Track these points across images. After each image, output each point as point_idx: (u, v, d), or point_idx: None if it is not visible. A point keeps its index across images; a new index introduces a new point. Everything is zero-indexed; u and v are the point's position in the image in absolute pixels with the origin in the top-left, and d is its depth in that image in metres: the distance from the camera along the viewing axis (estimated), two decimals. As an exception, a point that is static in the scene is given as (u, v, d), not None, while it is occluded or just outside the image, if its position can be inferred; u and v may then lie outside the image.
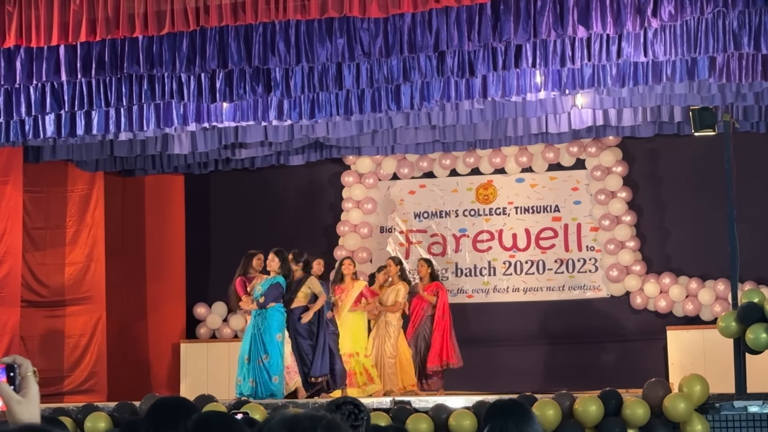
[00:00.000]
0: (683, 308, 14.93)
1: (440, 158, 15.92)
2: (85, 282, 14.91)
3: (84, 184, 15.13)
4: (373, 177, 16.21)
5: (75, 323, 14.78)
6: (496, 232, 15.79)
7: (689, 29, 10.02)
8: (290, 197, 16.38)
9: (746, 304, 10.86)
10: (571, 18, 9.77)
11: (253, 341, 12.54)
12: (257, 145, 14.66)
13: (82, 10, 10.44)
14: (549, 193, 15.70)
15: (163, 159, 15.18)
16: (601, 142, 15.37)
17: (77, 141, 13.33)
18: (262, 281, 12.71)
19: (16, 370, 2.75)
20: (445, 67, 10.62)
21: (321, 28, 10.29)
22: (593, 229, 15.52)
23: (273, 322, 12.62)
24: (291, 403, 11.71)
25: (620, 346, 15.09)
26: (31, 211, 14.70)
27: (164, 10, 10.28)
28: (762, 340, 10.52)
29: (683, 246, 15.18)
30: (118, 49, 10.68)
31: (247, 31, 10.41)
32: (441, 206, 16.05)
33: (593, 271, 15.48)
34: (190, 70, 10.67)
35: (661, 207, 15.37)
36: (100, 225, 15.06)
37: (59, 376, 14.46)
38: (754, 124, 13.87)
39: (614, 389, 10.90)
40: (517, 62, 10.50)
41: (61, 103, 11.27)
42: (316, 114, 11.79)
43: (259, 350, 12.54)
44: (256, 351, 12.52)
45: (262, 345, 12.54)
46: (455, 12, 10.02)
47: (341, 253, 15.85)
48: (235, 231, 16.22)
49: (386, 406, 11.30)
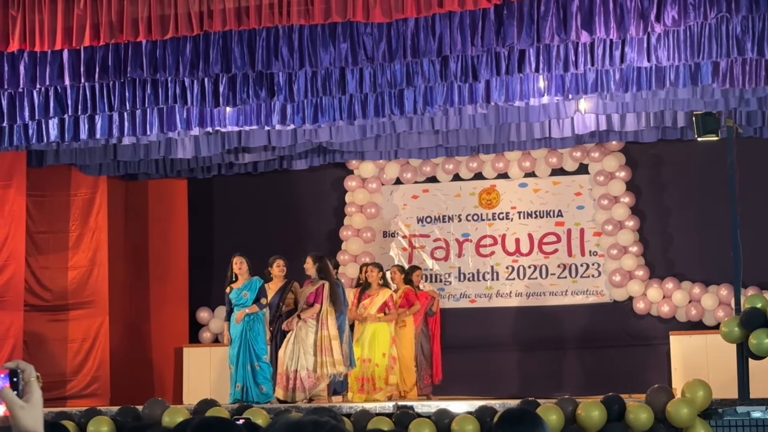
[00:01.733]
0: (686, 313, 14.92)
1: (443, 163, 15.92)
2: (88, 286, 14.91)
3: (87, 189, 15.14)
4: (376, 182, 16.21)
5: (78, 327, 14.78)
6: (499, 236, 15.78)
7: (692, 34, 10.03)
8: (293, 202, 16.38)
9: (749, 309, 10.85)
10: (574, 23, 9.78)
11: (244, 347, 12.68)
12: (260, 150, 14.67)
13: (86, 14, 10.46)
14: (552, 197, 15.70)
15: (166, 163, 15.19)
16: (604, 147, 15.37)
17: (80, 145, 13.34)
18: (245, 284, 12.80)
19: (19, 375, 2.75)
20: (449, 71, 10.63)
21: (324, 32, 10.31)
22: (596, 234, 15.51)
23: (262, 327, 12.80)
24: (294, 408, 11.71)
25: (623, 351, 15.07)
26: (35, 215, 14.71)
27: (168, 15, 10.30)
28: (765, 345, 10.51)
29: (686, 251, 15.17)
30: (122, 54, 10.69)
31: (251, 36, 10.43)
32: (444, 211, 16.04)
33: (596, 276, 15.47)
34: (194, 75, 10.68)
35: (664, 212, 15.36)
36: (103, 229, 15.07)
37: (62, 380, 14.47)
38: (758, 129, 13.86)
39: (617, 394, 10.89)
40: (520, 67, 10.50)
41: (64, 107, 11.28)
42: (319, 118, 11.79)
43: (251, 356, 12.66)
44: (248, 357, 12.66)
45: (254, 351, 12.69)
46: (458, 17, 10.03)
47: (344, 257, 15.86)
48: (238, 236, 16.21)
49: (389, 411, 11.30)
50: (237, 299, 12.83)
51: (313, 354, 12.64)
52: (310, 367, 12.60)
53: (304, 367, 12.61)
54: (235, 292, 12.87)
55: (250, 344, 12.72)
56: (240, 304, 12.81)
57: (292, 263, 13.42)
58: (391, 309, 13.30)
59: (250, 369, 12.67)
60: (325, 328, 12.72)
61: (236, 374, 12.72)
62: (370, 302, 13.32)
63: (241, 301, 12.82)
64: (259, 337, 12.79)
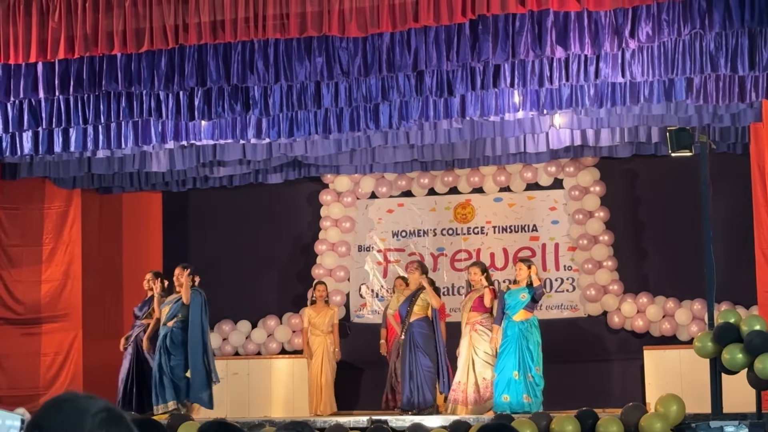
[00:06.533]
0: (660, 328, 14.96)
1: (418, 177, 15.93)
2: (62, 299, 14.84)
3: (61, 202, 15.07)
4: (351, 196, 16.20)
5: (51, 341, 14.71)
6: (474, 251, 15.79)
7: (666, 50, 10.09)
8: (268, 215, 16.35)
9: (722, 324, 10.89)
10: (549, 38, 9.82)
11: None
12: (235, 163, 14.65)
13: (61, 27, 10.43)
14: (527, 212, 15.73)
15: (141, 176, 15.15)
16: (578, 162, 15.42)
17: (54, 158, 13.30)
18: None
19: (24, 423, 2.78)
20: (424, 86, 10.66)
21: (300, 47, 10.31)
22: (571, 249, 15.54)
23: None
24: (267, 421, 11.68)
25: (597, 365, 15.10)
26: (8, 228, 14.64)
27: (143, 28, 10.28)
28: (738, 360, 10.55)
29: (660, 266, 15.22)
30: (97, 67, 10.67)
31: (226, 50, 10.42)
32: (419, 225, 16.05)
33: (570, 290, 15.50)
34: (169, 88, 10.67)
35: (638, 227, 15.41)
36: (77, 242, 15.01)
37: (35, 394, 14.36)
38: (731, 145, 13.95)
39: (591, 409, 10.92)
40: (495, 82, 10.54)
41: (38, 120, 11.25)
42: (294, 132, 11.80)
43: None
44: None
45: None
46: (434, 32, 10.05)
47: (319, 272, 15.83)
48: (213, 249, 16.19)
49: (363, 425, 11.29)
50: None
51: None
52: (488, 377, 12.67)
53: (481, 375, 12.69)
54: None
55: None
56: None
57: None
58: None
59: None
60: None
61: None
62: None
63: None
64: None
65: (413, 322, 13.03)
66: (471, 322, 12.89)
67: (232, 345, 15.98)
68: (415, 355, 12.92)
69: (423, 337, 12.99)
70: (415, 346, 12.95)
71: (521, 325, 12.52)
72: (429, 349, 12.96)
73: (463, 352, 12.82)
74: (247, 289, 16.08)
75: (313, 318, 14.27)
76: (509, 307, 12.62)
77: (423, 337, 12.99)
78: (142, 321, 13.87)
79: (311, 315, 14.32)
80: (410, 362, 12.91)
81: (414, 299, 13.14)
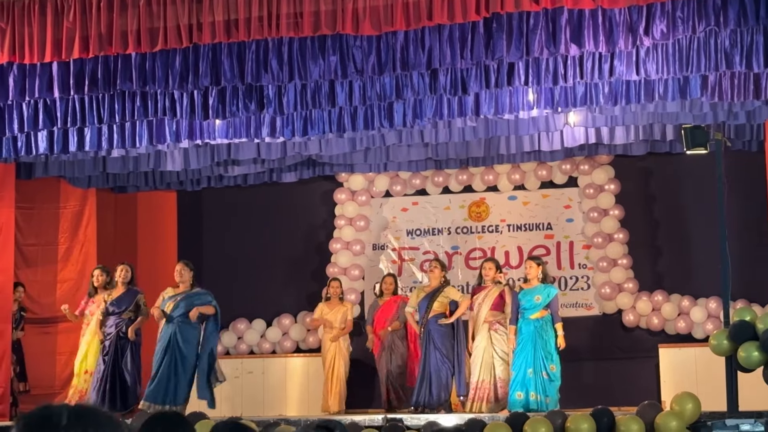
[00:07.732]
0: (675, 326, 14.93)
1: (433, 176, 15.93)
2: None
3: (76, 201, 15.11)
4: (365, 194, 16.21)
5: (67, 340, 14.73)
6: (488, 249, 15.78)
7: (681, 48, 10.06)
8: (283, 214, 16.37)
9: (738, 322, 10.86)
10: (563, 36, 9.80)
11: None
12: (250, 162, 14.66)
13: (75, 27, 10.46)
14: (541, 210, 15.72)
15: (155, 176, 15.17)
16: (593, 160, 15.40)
17: (70, 157, 13.33)
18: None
19: None
20: (438, 84, 10.64)
21: (314, 45, 10.32)
22: (585, 247, 15.53)
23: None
24: (282, 420, 11.69)
25: (612, 364, 15.08)
26: (23, 227, 14.68)
27: (157, 27, 10.30)
28: (754, 358, 10.52)
29: (675, 264, 15.19)
30: (111, 66, 10.70)
31: (240, 49, 10.43)
32: (433, 224, 16.05)
33: (585, 288, 15.48)
34: (183, 87, 10.68)
35: (653, 225, 15.38)
36: (92, 242, 15.04)
37: (51, 393, 14.41)
38: (746, 142, 13.91)
39: (606, 407, 10.89)
40: (509, 80, 10.52)
41: (53, 119, 11.27)
42: (308, 131, 11.80)
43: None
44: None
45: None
46: (448, 30, 10.04)
47: (333, 270, 15.84)
48: (227, 248, 16.22)
49: (378, 423, 11.28)
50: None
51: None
52: (504, 377, 12.68)
53: (499, 374, 12.74)
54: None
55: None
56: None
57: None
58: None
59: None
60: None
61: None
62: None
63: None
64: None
65: (431, 319, 13.00)
66: (489, 321, 12.85)
67: (247, 344, 16.01)
68: (431, 354, 12.89)
69: (441, 335, 12.96)
70: (432, 344, 12.93)
71: (536, 323, 12.49)
72: (446, 347, 12.94)
73: (481, 351, 12.78)
74: (261, 287, 16.10)
75: (326, 314, 14.25)
76: (524, 307, 12.58)
77: (441, 335, 12.96)
78: (122, 316, 13.53)
79: (324, 310, 14.31)
80: (426, 360, 12.89)
81: (434, 297, 13.10)
